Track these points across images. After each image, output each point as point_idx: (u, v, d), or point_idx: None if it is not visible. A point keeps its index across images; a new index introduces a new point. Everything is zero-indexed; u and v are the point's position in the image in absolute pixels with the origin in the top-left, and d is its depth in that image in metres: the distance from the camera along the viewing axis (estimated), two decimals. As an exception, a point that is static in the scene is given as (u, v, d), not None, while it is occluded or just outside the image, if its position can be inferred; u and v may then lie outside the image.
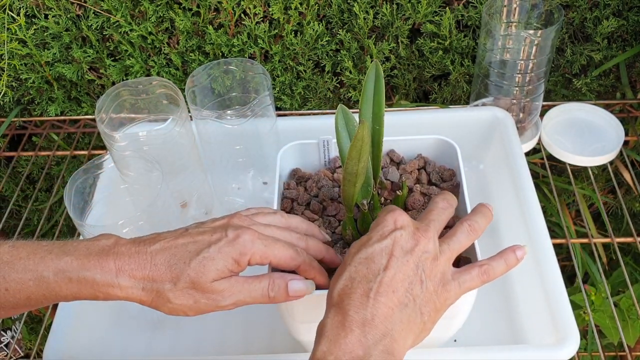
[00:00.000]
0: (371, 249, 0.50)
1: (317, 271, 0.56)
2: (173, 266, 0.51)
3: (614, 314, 0.77)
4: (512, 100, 0.88)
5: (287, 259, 0.54)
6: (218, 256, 0.51)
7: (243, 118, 0.71)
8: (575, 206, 1.17)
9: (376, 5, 0.97)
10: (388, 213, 0.52)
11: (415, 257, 0.49)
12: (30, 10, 0.99)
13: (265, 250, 0.53)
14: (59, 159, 1.19)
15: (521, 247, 0.54)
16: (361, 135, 0.52)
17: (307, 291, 0.55)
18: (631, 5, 0.95)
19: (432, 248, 0.50)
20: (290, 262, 0.54)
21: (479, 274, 0.52)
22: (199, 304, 0.52)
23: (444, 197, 0.56)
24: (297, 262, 0.55)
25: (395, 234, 0.50)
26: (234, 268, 0.52)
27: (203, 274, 0.51)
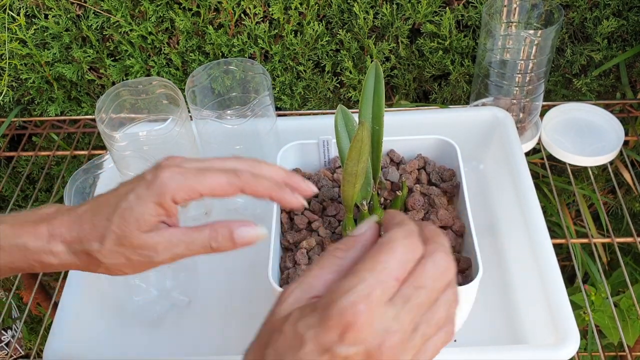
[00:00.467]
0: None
1: (268, 188, 0.48)
2: (97, 224, 0.46)
3: (613, 314, 0.77)
4: (512, 100, 0.88)
5: (222, 185, 0.47)
6: (137, 203, 0.46)
7: (243, 118, 0.71)
8: (575, 206, 1.17)
9: (376, 5, 0.97)
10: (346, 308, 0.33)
11: None
12: (30, 10, 0.99)
13: (190, 183, 0.47)
14: (59, 159, 1.19)
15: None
16: (361, 136, 0.52)
17: (257, 236, 0.48)
18: (631, 5, 0.95)
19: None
20: (228, 187, 0.47)
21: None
22: (132, 261, 0.47)
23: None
24: (237, 185, 0.48)
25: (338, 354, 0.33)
26: (160, 213, 0.47)
27: (126, 227, 0.46)
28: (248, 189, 0.48)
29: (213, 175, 0.47)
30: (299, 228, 0.66)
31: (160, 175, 0.46)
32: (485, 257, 0.60)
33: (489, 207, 0.81)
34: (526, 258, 0.70)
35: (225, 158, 0.50)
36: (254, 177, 0.48)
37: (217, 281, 0.78)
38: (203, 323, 0.74)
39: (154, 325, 0.73)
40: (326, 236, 0.65)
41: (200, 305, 0.75)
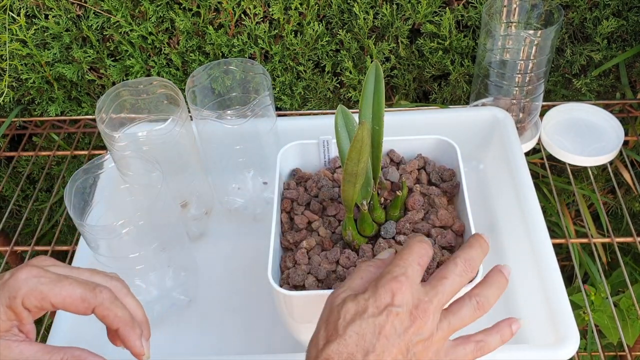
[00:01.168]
0: (365, 323, 0.45)
1: (121, 320, 0.47)
2: None
3: (613, 314, 0.77)
4: (512, 100, 0.88)
5: (74, 300, 0.45)
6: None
7: (243, 118, 0.71)
8: (575, 206, 1.17)
9: (376, 6, 0.97)
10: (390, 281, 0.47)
11: (407, 339, 0.45)
12: (30, 10, 0.99)
13: (42, 289, 0.44)
14: (59, 159, 1.19)
15: (516, 321, 0.51)
16: (361, 136, 0.52)
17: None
18: (631, 5, 0.95)
19: (429, 328, 0.46)
20: (80, 303, 0.45)
21: (474, 350, 0.48)
22: None
23: (467, 260, 0.50)
24: (90, 303, 0.46)
25: (391, 311, 0.45)
26: (11, 317, 0.44)
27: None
28: (99, 312, 0.46)
29: (69, 286, 0.45)
30: (299, 228, 0.66)
31: (16, 275, 0.45)
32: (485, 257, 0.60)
33: (489, 207, 0.81)
34: (526, 258, 0.70)
35: (98, 272, 0.49)
36: (111, 301, 0.47)
37: (217, 281, 0.78)
38: (203, 323, 0.74)
39: (154, 325, 0.73)
40: (326, 236, 0.65)
41: (200, 305, 0.75)
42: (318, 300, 0.57)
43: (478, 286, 0.50)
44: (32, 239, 0.91)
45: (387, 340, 0.44)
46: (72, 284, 0.46)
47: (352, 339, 0.44)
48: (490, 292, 0.50)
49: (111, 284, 0.49)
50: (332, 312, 0.47)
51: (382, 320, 0.45)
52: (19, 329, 0.46)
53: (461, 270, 0.49)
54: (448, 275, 0.48)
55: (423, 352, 0.46)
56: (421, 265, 0.48)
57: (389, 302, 0.45)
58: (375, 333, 0.44)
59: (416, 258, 0.48)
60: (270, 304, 0.74)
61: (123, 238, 0.61)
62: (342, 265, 0.61)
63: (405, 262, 0.48)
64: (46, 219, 1.23)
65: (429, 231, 0.63)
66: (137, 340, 0.48)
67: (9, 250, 0.91)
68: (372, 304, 0.46)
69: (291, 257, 0.63)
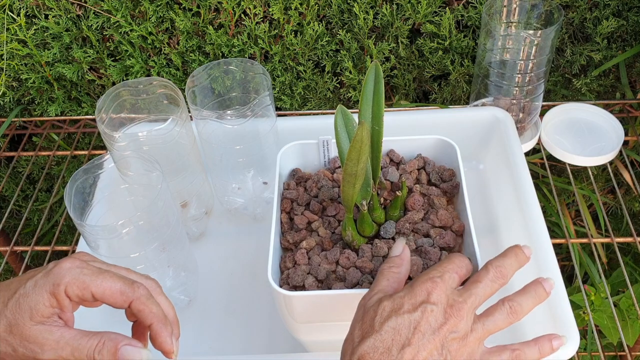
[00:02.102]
0: (401, 319, 0.47)
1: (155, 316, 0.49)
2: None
3: (613, 314, 0.77)
4: (512, 100, 0.88)
5: (114, 292, 0.47)
6: (33, 291, 0.46)
7: (243, 118, 0.71)
8: (575, 206, 1.17)
9: (376, 6, 0.97)
10: (426, 281, 0.49)
11: (441, 335, 0.46)
12: (30, 10, 0.99)
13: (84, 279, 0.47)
14: (59, 159, 1.19)
15: (559, 338, 0.51)
16: (360, 137, 0.52)
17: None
18: (631, 5, 0.95)
19: (463, 327, 0.47)
20: (119, 296, 0.48)
21: (509, 358, 0.49)
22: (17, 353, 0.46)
23: (498, 267, 0.51)
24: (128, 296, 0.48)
25: (426, 308, 0.47)
26: (53, 304, 0.46)
27: (19, 314, 0.45)
28: (135, 306, 0.48)
29: (110, 278, 0.48)
30: (299, 228, 0.66)
31: (60, 265, 0.47)
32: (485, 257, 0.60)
33: (488, 207, 0.81)
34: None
35: (133, 271, 0.51)
36: (147, 297, 0.49)
37: (217, 281, 0.78)
38: (203, 323, 0.74)
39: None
40: (326, 236, 0.65)
41: (200, 305, 0.75)
42: (318, 301, 0.57)
43: (514, 293, 0.51)
44: (32, 239, 0.91)
45: (422, 336, 0.46)
46: (113, 277, 0.48)
47: (388, 334, 0.46)
48: (524, 299, 0.51)
49: (146, 283, 0.51)
50: (367, 311, 0.48)
51: (417, 317, 0.46)
52: (59, 317, 0.48)
53: (493, 276, 0.50)
54: (481, 279, 0.50)
55: (458, 350, 0.47)
56: (459, 274, 0.51)
57: (424, 299, 0.48)
58: (411, 328, 0.46)
59: (455, 267, 0.51)
60: (270, 304, 0.74)
61: (123, 238, 0.61)
62: (342, 265, 0.61)
63: (444, 269, 0.50)
64: (46, 219, 1.23)
65: (428, 231, 0.63)
66: (169, 337, 0.49)
67: (9, 250, 0.91)
68: (408, 301, 0.48)
69: (291, 258, 0.63)
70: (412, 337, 0.46)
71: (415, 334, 0.46)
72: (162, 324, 0.49)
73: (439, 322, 0.47)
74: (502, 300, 0.50)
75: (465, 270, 0.52)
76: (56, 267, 0.47)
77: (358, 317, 0.49)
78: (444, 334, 0.46)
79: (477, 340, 0.48)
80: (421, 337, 0.46)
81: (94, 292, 0.47)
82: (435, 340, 0.46)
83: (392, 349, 0.45)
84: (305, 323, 0.61)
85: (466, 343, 0.47)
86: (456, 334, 0.47)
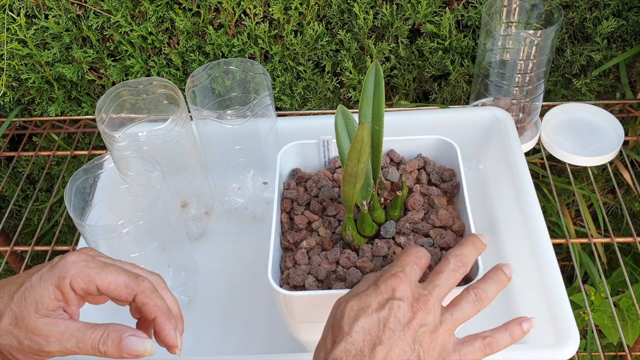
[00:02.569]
0: (370, 318, 0.46)
1: (160, 310, 0.49)
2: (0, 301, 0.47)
3: (613, 314, 0.77)
4: (512, 100, 0.88)
5: (118, 285, 0.48)
6: (39, 285, 0.46)
7: (243, 118, 0.71)
8: (575, 206, 1.17)
9: (376, 6, 0.97)
10: (389, 278, 0.48)
11: (412, 330, 0.46)
12: (30, 10, 0.99)
13: (89, 272, 0.47)
14: (59, 159, 1.19)
15: (528, 320, 0.51)
16: (361, 136, 0.52)
17: (145, 351, 0.48)
18: (631, 5, 0.95)
19: (432, 320, 0.47)
20: (124, 289, 0.48)
21: (481, 346, 0.49)
22: (23, 346, 0.46)
23: (458, 256, 0.51)
24: (132, 290, 0.48)
25: (393, 304, 0.47)
26: (59, 297, 0.47)
27: (24, 307, 0.46)
28: (140, 299, 0.49)
29: (114, 271, 0.48)
30: (299, 228, 0.66)
31: (66, 258, 0.48)
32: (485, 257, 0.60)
33: (489, 207, 0.81)
34: (526, 258, 0.70)
35: (139, 267, 0.52)
36: (152, 290, 0.49)
37: (217, 281, 0.78)
38: (203, 323, 0.74)
39: (154, 325, 0.73)
40: (326, 236, 0.65)
41: (200, 305, 0.75)
42: (318, 301, 0.57)
43: (478, 281, 0.51)
44: (32, 239, 0.91)
45: (392, 333, 0.45)
46: (118, 271, 0.49)
47: (358, 335, 0.45)
48: (488, 286, 0.51)
49: (151, 277, 0.51)
50: (336, 314, 0.48)
51: (385, 314, 0.46)
52: (64, 310, 0.48)
53: (454, 265, 0.50)
54: (443, 270, 0.50)
55: (430, 344, 0.47)
56: (419, 265, 0.50)
57: (390, 295, 0.47)
58: (380, 326, 0.46)
59: (413, 259, 0.50)
60: (270, 304, 0.74)
61: (123, 238, 0.61)
62: (342, 265, 0.61)
63: (403, 262, 0.50)
64: (46, 219, 1.23)
65: (428, 231, 0.63)
66: (172, 331, 0.50)
67: (9, 250, 0.91)
68: (374, 300, 0.47)
69: (291, 257, 0.63)
70: (382, 335, 0.45)
71: (386, 332, 0.45)
72: (166, 318, 0.49)
73: (408, 317, 0.46)
74: (467, 289, 0.50)
75: (424, 260, 0.51)
76: (62, 261, 0.48)
77: (329, 321, 0.49)
78: (414, 329, 0.46)
79: (447, 332, 0.48)
80: (392, 334, 0.45)
81: (99, 285, 0.48)
82: (406, 336, 0.46)
83: (364, 349, 0.45)
84: (305, 323, 0.61)
85: (437, 336, 0.47)
86: (426, 327, 0.47)
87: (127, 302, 0.50)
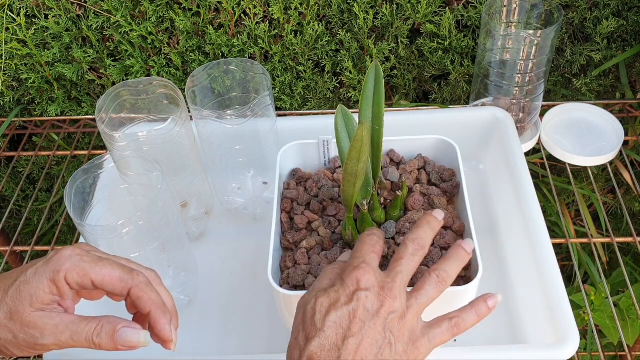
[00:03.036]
0: (340, 311, 0.47)
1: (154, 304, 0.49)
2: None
3: (613, 314, 0.77)
4: (512, 100, 0.88)
5: (113, 279, 0.48)
6: (33, 279, 0.47)
7: (243, 118, 0.71)
8: (575, 206, 1.17)
9: (376, 6, 0.97)
10: (353, 271, 0.49)
11: (381, 319, 0.47)
12: (30, 10, 0.99)
13: (84, 266, 0.48)
14: (59, 159, 1.19)
15: (493, 296, 0.52)
16: (361, 136, 0.52)
17: (138, 343, 0.48)
18: (631, 5, 0.95)
19: (399, 306, 0.48)
20: (118, 283, 0.49)
21: (449, 327, 0.50)
22: (18, 339, 0.47)
23: (415, 239, 0.52)
24: (127, 284, 0.49)
25: (360, 295, 0.47)
26: (53, 291, 0.48)
27: (19, 301, 0.46)
28: (134, 293, 0.49)
29: (109, 265, 0.49)
30: (299, 228, 0.66)
31: (60, 253, 0.48)
32: (485, 257, 0.60)
33: (489, 207, 0.81)
34: (526, 258, 0.70)
35: (134, 262, 0.52)
36: (146, 284, 0.50)
37: (217, 281, 0.78)
38: (203, 323, 0.74)
39: (154, 325, 0.73)
40: (326, 236, 0.65)
41: (200, 305, 0.75)
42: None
43: (438, 262, 0.52)
44: (32, 239, 0.91)
45: (362, 323, 0.46)
46: (112, 264, 0.49)
47: (331, 330, 0.46)
48: (449, 265, 0.52)
49: (146, 272, 0.52)
50: (307, 312, 0.48)
51: (354, 306, 0.47)
52: (59, 304, 0.49)
53: (412, 250, 0.52)
54: (403, 256, 0.51)
55: (399, 330, 0.48)
56: (376, 252, 0.52)
57: (356, 287, 0.48)
58: (351, 318, 0.46)
59: (369, 247, 0.52)
60: (270, 304, 0.74)
61: (123, 238, 0.61)
62: (342, 265, 0.61)
63: (362, 253, 0.51)
64: (46, 219, 1.23)
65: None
66: (167, 325, 0.50)
67: (9, 250, 0.91)
68: (343, 293, 0.48)
69: (291, 257, 0.63)
70: (353, 327, 0.46)
71: (356, 323, 0.46)
72: (160, 312, 0.50)
73: (376, 306, 0.47)
74: (429, 272, 0.51)
75: (379, 246, 0.53)
76: (56, 255, 0.48)
77: (298, 319, 0.49)
78: (383, 317, 0.47)
79: (415, 316, 0.49)
80: (362, 325, 0.46)
81: (94, 279, 0.48)
82: (376, 325, 0.47)
83: (338, 342, 0.46)
84: (305, 323, 0.61)
85: (406, 321, 0.48)
86: (395, 314, 0.48)
87: (122, 296, 0.50)
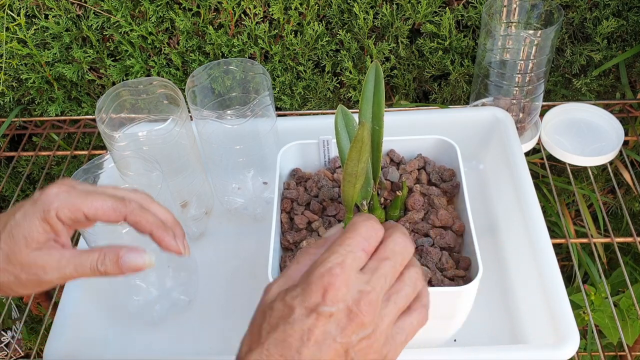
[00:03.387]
0: (290, 328, 0.38)
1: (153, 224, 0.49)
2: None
3: (613, 314, 0.77)
4: (512, 100, 0.88)
5: (106, 210, 0.48)
6: (24, 221, 0.47)
7: (243, 118, 0.71)
8: (575, 206, 1.17)
9: (376, 6, 0.97)
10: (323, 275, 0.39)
11: (345, 341, 0.38)
12: (30, 10, 0.99)
13: (75, 202, 0.47)
14: (59, 159, 1.19)
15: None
16: (361, 136, 0.52)
17: (144, 265, 0.48)
18: (631, 5, 0.95)
19: (370, 323, 0.39)
20: (112, 213, 0.48)
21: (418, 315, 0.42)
22: (21, 280, 0.47)
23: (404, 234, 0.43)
24: (121, 212, 0.49)
25: (322, 312, 0.38)
26: (47, 230, 0.47)
27: (14, 244, 0.46)
28: (131, 219, 0.49)
29: (99, 197, 0.48)
30: (299, 228, 0.66)
31: (47, 192, 0.48)
32: (485, 257, 0.60)
33: (489, 207, 0.81)
34: (526, 258, 0.70)
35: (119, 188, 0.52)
36: (140, 209, 0.50)
37: (217, 281, 0.78)
38: (203, 323, 0.74)
39: (154, 325, 0.73)
40: (326, 236, 0.65)
41: (200, 305, 0.75)
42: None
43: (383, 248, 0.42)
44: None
45: (318, 347, 0.38)
46: (102, 195, 0.49)
47: (275, 349, 0.38)
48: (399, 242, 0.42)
49: (136, 196, 0.51)
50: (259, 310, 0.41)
51: (310, 324, 0.38)
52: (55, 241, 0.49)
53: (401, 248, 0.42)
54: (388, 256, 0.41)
55: (366, 349, 0.39)
56: (366, 251, 0.41)
57: (320, 300, 0.38)
58: (304, 339, 0.38)
59: (361, 242, 0.41)
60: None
61: (123, 238, 0.61)
62: (342, 265, 0.61)
63: (347, 247, 0.40)
64: (46, 219, 1.23)
65: (428, 231, 0.63)
66: (172, 240, 0.50)
67: (9, 250, 0.90)
68: (300, 304, 0.38)
69: (291, 257, 0.63)
70: (304, 350, 0.37)
71: (308, 347, 0.37)
72: (162, 230, 0.50)
73: (341, 327, 0.38)
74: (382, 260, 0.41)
75: (374, 241, 0.42)
76: (43, 195, 0.48)
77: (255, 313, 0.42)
78: (348, 339, 0.38)
79: (390, 325, 0.40)
80: (317, 349, 0.37)
81: (86, 213, 0.48)
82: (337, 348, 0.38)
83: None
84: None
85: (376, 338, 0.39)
86: (364, 333, 0.38)
87: (116, 223, 0.50)
